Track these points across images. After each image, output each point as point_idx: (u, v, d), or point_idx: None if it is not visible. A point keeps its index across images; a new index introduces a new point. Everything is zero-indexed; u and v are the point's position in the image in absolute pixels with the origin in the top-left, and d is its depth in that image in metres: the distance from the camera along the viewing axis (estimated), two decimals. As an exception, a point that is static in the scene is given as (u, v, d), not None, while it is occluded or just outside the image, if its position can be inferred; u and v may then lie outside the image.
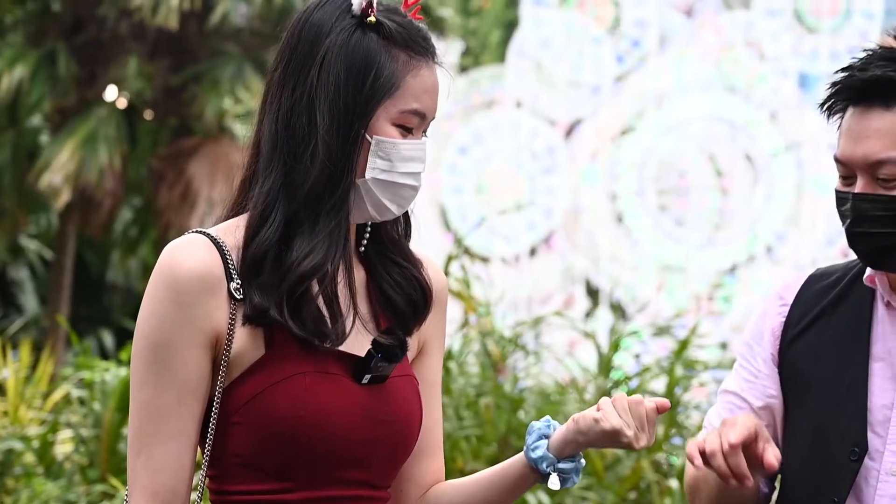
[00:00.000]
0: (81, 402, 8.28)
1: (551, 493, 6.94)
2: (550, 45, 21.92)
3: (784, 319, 2.84)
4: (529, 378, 8.01)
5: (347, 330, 2.40)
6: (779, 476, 2.86)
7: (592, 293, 21.75)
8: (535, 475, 2.52)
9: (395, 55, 2.43)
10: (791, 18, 21.43)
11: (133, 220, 19.09)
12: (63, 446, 8.30)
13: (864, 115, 2.68)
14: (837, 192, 2.72)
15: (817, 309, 2.82)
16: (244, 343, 2.38)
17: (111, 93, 17.49)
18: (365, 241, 2.51)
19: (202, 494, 2.41)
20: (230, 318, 2.37)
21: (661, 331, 8.34)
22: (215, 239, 2.40)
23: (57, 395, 8.59)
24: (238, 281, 2.38)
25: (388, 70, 2.41)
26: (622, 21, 21.98)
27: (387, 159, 2.41)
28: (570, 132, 22.02)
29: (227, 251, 2.40)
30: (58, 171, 16.00)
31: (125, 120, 17.34)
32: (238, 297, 2.37)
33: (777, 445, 2.77)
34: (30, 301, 20.25)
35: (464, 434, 6.97)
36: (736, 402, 2.86)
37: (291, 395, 2.36)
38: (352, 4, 2.43)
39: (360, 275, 2.50)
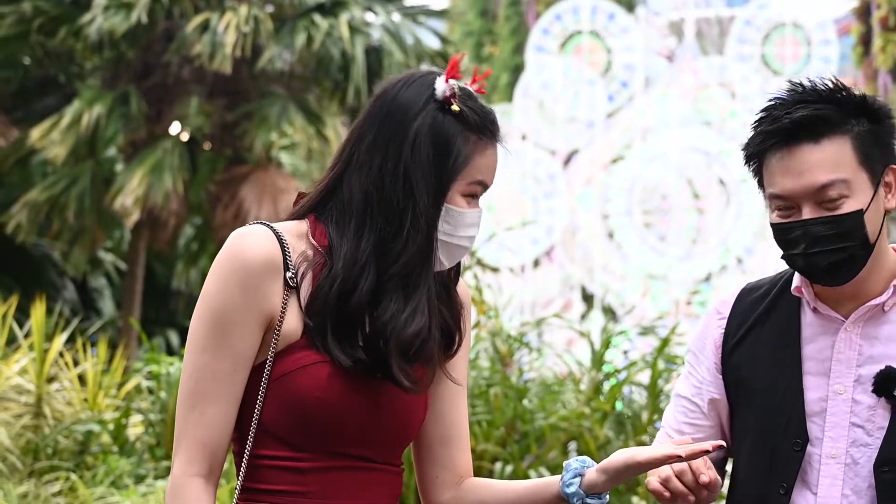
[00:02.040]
0: (150, 391, 8.31)
1: (552, 467, 6.93)
2: (551, 87, 21.91)
3: (723, 331, 2.81)
4: (533, 371, 7.98)
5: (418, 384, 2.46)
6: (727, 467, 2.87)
7: (587, 298, 21.74)
8: None
9: (468, 137, 2.45)
10: (759, 63, 21.39)
11: (194, 236, 19.12)
12: (134, 429, 8.33)
13: (797, 153, 2.63)
14: (780, 224, 2.66)
15: (751, 319, 2.79)
16: (289, 326, 2.39)
17: (175, 128, 17.55)
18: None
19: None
20: (283, 302, 2.37)
21: (646, 331, 8.33)
22: (277, 232, 2.41)
23: (129, 385, 8.62)
24: (293, 271, 2.39)
25: (464, 151, 2.44)
26: (613, 65, 21.98)
27: (452, 224, 2.43)
28: (567, 161, 22.00)
29: (286, 243, 2.40)
30: (129, 194, 16.05)
31: (187, 151, 17.38)
32: (292, 285, 2.38)
33: (725, 439, 2.80)
34: (107, 305, 20.30)
35: (476, 419, 6.96)
36: (687, 405, 2.84)
37: (313, 379, 2.37)
38: (436, 90, 2.47)
39: None
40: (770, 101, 2.70)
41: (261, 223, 2.43)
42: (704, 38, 23.88)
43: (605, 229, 21.39)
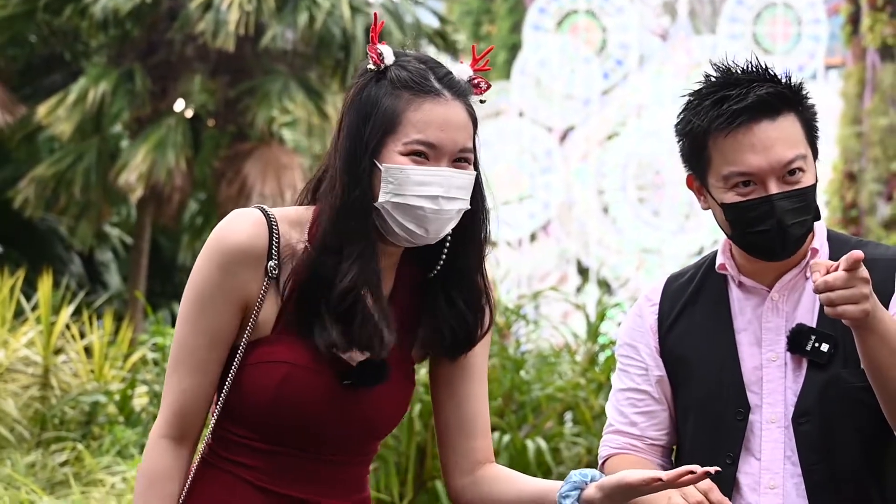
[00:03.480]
0: (155, 362, 8.30)
1: (548, 437, 6.93)
2: (548, 65, 21.86)
3: (657, 316, 2.81)
4: (530, 343, 8.00)
5: (380, 345, 2.33)
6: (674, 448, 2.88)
7: (583, 272, 21.75)
8: None
9: (399, 94, 2.34)
10: (750, 41, 21.34)
11: (198, 211, 19.08)
12: (140, 399, 8.32)
13: (757, 130, 2.62)
14: (743, 202, 2.64)
15: (681, 301, 2.80)
16: (266, 315, 2.35)
17: (179, 105, 17.49)
18: (436, 270, 2.42)
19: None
20: (262, 290, 2.34)
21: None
22: (270, 219, 2.36)
23: (135, 357, 8.60)
24: (276, 261, 2.34)
25: (388, 108, 2.32)
26: (608, 44, 21.92)
27: (395, 183, 2.31)
28: (564, 137, 21.97)
29: (277, 232, 2.35)
30: (134, 170, 16.01)
31: (191, 128, 17.34)
32: (272, 275, 2.34)
33: (671, 416, 2.81)
34: (113, 279, 20.28)
35: (474, 389, 6.93)
36: (635, 395, 2.82)
37: (272, 378, 2.33)
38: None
39: (408, 295, 2.43)
40: (711, 82, 2.67)
41: (259, 207, 2.38)
42: (697, 18, 23.82)
43: (601, 204, 21.37)
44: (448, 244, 2.41)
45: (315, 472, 2.37)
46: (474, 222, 2.41)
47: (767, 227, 2.62)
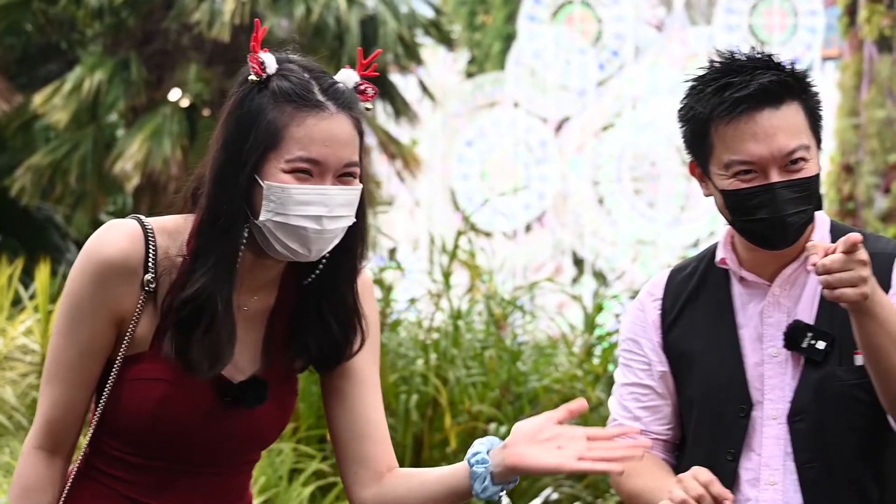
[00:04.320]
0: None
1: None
2: (543, 55, 21.85)
3: (660, 311, 2.80)
4: (526, 334, 7.97)
5: (212, 363, 2.24)
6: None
7: (578, 263, 21.76)
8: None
9: (282, 108, 2.23)
10: (746, 33, 21.34)
11: (193, 201, 19.03)
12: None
13: (759, 118, 2.59)
14: (744, 189, 2.62)
15: (684, 296, 2.79)
16: (143, 330, 2.28)
17: (175, 94, 17.48)
18: (312, 277, 2.34)
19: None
20: (139, 305, 2.27)
21: (636, 295, 8.30)
22: (147, 230, 2.28)
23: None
24: (153, 274, 2.26)
25: (270, 122, 2.21)
26: (603, 34, 21.91)
27: (276, 202, 2.21)
28: (559, 128, 21.97)
29: (154, 244, 2.28)
30: (129, 159, 16.00)
31: (186, 117, 17.32)
32: (149, 289, 2.26)
33: (675, 411, 2.79)
34: (107, 268, 20.20)
35: (471, 381, 6.95)
36: (638, 390, 2.81)
37: (147, 395, 2.28)
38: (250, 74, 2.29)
39: (281, 305, 2.34)
40: (714, 68, 2.65)
41: (136, 218, 2.30)
42: (693, 8, 23.81)
43: (596, 195, 21.38)
44: (325, 256, 2.33)
45: (194, 484, 2.33)
46: (351, 237, 2.32)
47: (767, 215, 2.60)
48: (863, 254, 2.44)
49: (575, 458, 2.25)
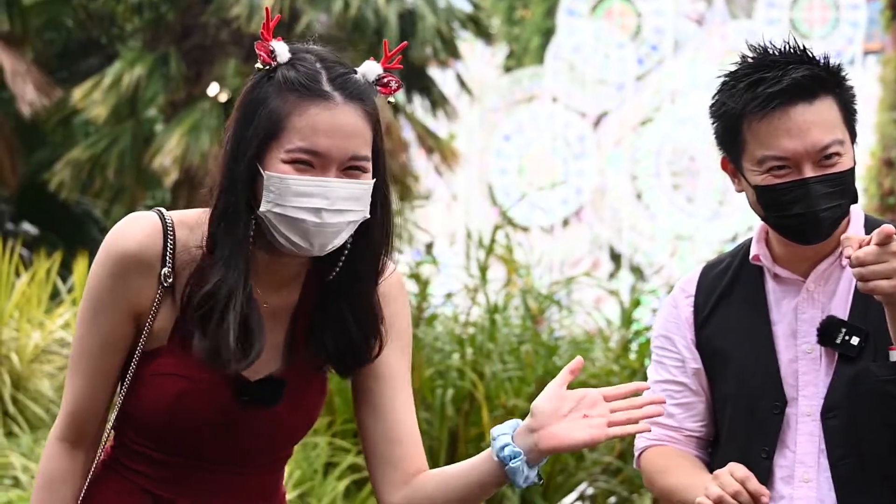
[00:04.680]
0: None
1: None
2: (582, 50, 21.80)
3: (692, 308, 2.78)
4: (563, 329, 7.95)
5: (225, 357, 2.21)
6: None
7: (616, 258, 21.71)
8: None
9: (285, 97, 2.19)
10: (787, 27, 21.21)
11: (232, 195, 19.09)
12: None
13: (793, 113, 2.58)
14: (778, 185, 2.60)
15: (717, 293, 2.77)
16: (162, 324, 2.26)
17: (213, 89, 17.54)
18: (333, 275, 2.29)
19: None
20: (156, 299, 2.25)
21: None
22: (167, 223, 2.26)
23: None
24: (170, 267, 2.24)
25: (273, 111, 2.19)
26: (643, 29, 21.84)
27: (276, 193, 2.17)
28: (597, 123, 21.92)
29: (173, 237, 2.25)
30: (167, 154, 16.06)
31: (225, 112, 17.37)
32: (166, 283, 2.24)
33: (708, 407, 2.78)
34: (146, 262, 20.31)
35: (507, 376, 6.93)
36: (672, 387, 2.80)
37: (164, 392, 2.26)
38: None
39: (303, 303, 2.31)
40: (747, 63, 2.65)
41: (157, 211, 2.27)
42: (733, 2, 23.69)
43: (634, 190, 21.33)
44: (347, 252, 2.27)
45: (217, 482, 2.30)
46: (372, 233, 2.27)
47: (801, 210, 2.59)
48: None
49: (605, 427, 2.23)
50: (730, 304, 2.76)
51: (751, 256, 2.76)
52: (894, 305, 2.47)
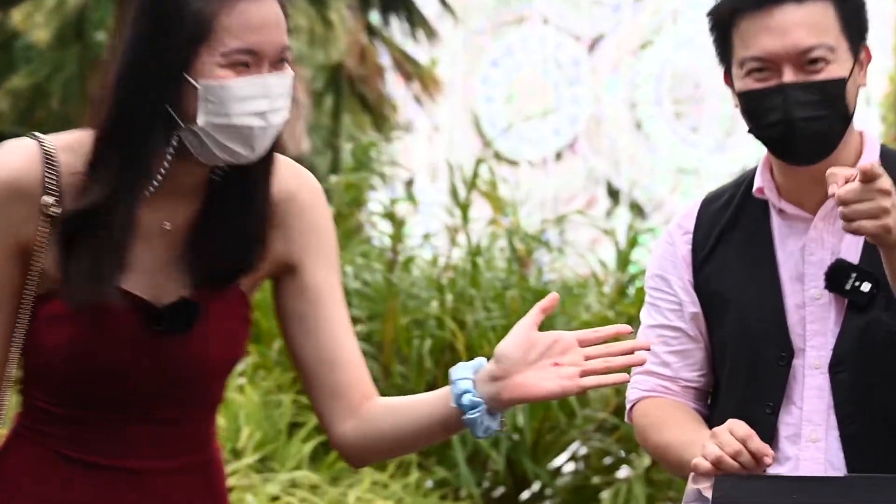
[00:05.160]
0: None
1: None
2: (575, -35, 21.68)
3: (691, 246, 2.76)
4: (553, 272, 7.95)
5: (98, 292, 2.16)
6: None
7: (613, 194, 21.72)
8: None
9: None
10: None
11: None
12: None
13: (778, 12, 2.59)
14: (756, 90, 2.61)
15: (717, 229, 2.75)
16: (49, 264, 2.21)
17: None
18: (216, 176, 2.27)
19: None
20: (40, 232, 2.20)
21: (673, 228, 8.25)
22: (46, 148, 2.21)
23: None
24: (57, 197, 2.19)
25: (197, 13, 2.15)
26: (642, -58, 21.74)
27: (218, 103, 2.16)
28: (593, 46, 21.86)
29: (55, 163, 2.20)
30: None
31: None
32: (51, 213, 2.19)
33: (707, 356, 2.75)
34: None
35: (490, 324, 6.93)
36: (668, 333, 2.75)
37: (69, 334, 2.20)
38: None
39: (189, 214, 2.27)
40: None
41: (33, 135, 2.23)
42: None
43: (633, 119, 21.31)
44: None
45: (137, 435, 2.25)
46: None
47: (778, 118, 2.60)
48: (884, 182, 2.40)
49: (577, 377, 2.20)
50: (731, 241, 2.74)
51: (754, 189, 2.72)
52: (887, 247, 2.45)
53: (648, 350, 2.28)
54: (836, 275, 2.63)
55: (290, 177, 2.33)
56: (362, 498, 5.98)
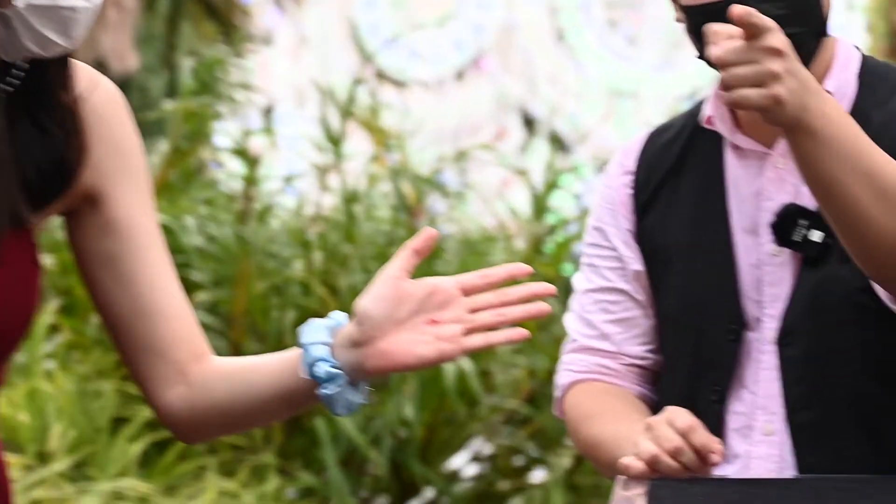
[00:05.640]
0: None
1: (475, 355, 6.93)
2: None
3: (632, 190, 2.81)
4: (451, 223, 8.03)
5: None
6: None
7: (528, 123, 21.82)
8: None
9: None
10: None
11: None
12: None
13: None
14: (706, 4, 2.63)
15: (663, 170, 2.79)
16: None
17: None
18: (11, 85, 2.31)
19: None
20: None
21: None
22: None
23: None
24: None
25: None
26: None
27: None
28: (503, -65, 21.96)
29: None
30: None
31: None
32: None
33: (657, 326, 2.80)
34: None
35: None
36: (608, 297, 2.81)
37: None
38: None
39: None
40: None
41: None
42: None
43: (554, 29, 21.44)
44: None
45: None
46: None
47: None
48: (773, 39, 2.38)
49: (460, 337, 2.21)
50: (678, 185, 2.78)
51: (703, 118, 2.76)
52: (792, 131, 2.42)
53: (554, 296, 2.28)
54: (784, 223, 2.65)
55: (84, 85, 2.35)
56: (207, 512, 6.00)
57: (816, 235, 2.63)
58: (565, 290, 7.62)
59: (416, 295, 2.22)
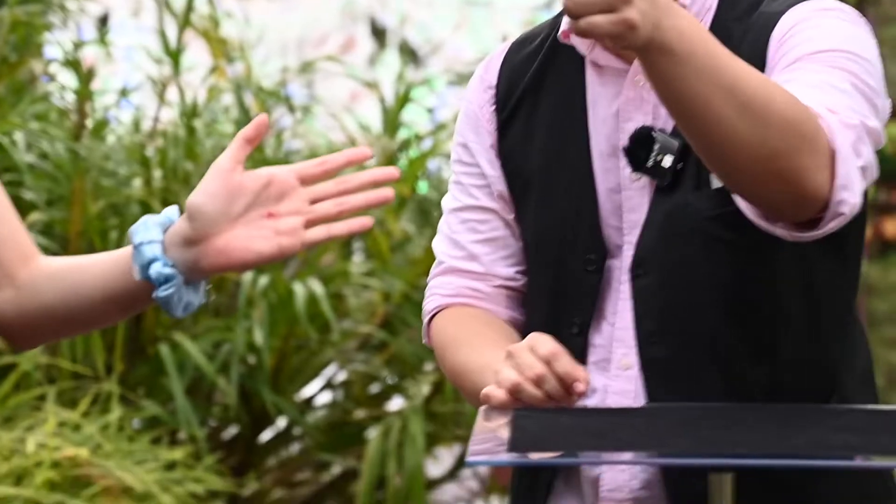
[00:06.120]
0: None
1: (326, 277, 6.93)
2: None
3: (494, 106, 2.80)
4: (297, 138, 7.99)
5: None
6: None
7: (378, 33, 21.72)
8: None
9: None
10: None
11: None
12: None
13: None
14: None
15: (523, 84, 2.78)
16: None
17: None
18: None
19: None
20: None
21: (462, 79, 8.35)
22: None
23: None
24: None
25: None
26: None
27: None
28: None
29: None
30: None
31: None
32: None
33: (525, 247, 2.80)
34: None
35: (215, 208, 6.92)
36: (475, 216, 2.79)
37: None
38: None
39: None
40: None
41: None
42: None
43: (403, -69, 21.36)
44: None
45: None
46: None
47: None
48: None
49: (301, 230, 2.24)
50: (537, 102, 2.77)
51: (559, 31, 2.72)
52: (647, 52, 2.34)
53: (397, 180, 2.30)
54: (637, 146, 2.63)
55: None
56: (46, 444, 5.92)
57: (667, 161, 2.61)
58: (419, 209, 7.68)
59: (250, 187, 2.23)
